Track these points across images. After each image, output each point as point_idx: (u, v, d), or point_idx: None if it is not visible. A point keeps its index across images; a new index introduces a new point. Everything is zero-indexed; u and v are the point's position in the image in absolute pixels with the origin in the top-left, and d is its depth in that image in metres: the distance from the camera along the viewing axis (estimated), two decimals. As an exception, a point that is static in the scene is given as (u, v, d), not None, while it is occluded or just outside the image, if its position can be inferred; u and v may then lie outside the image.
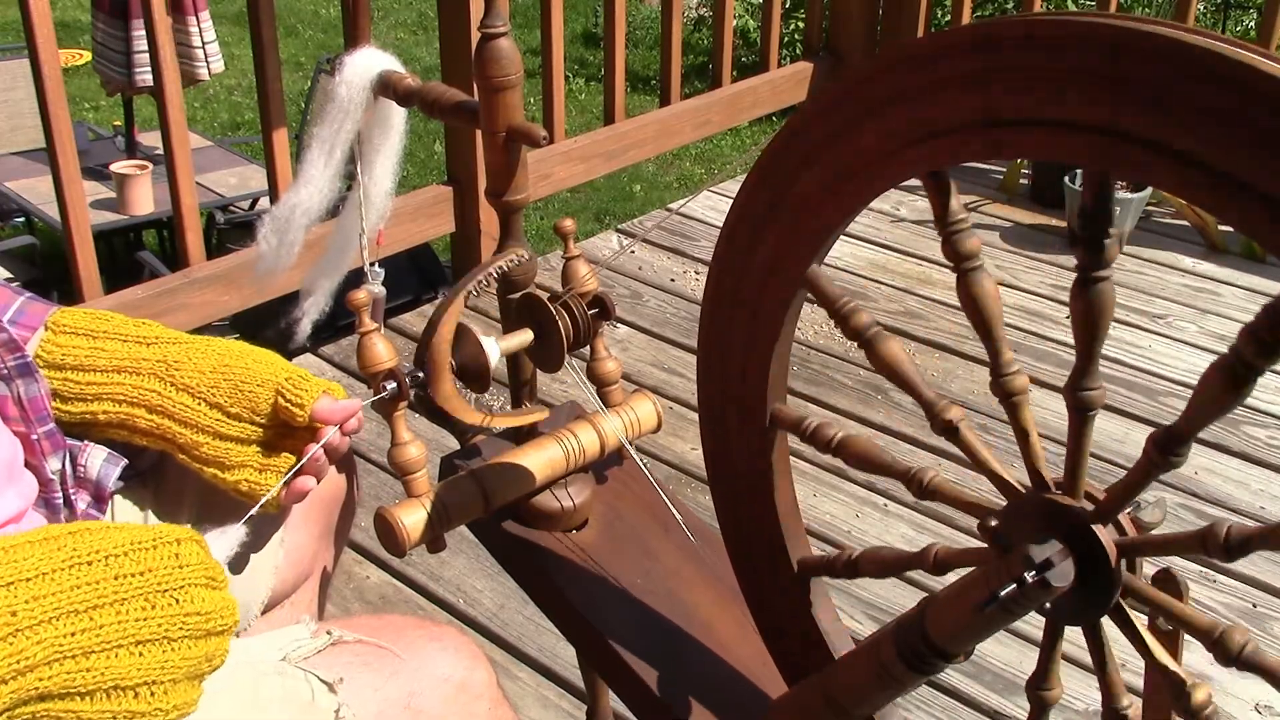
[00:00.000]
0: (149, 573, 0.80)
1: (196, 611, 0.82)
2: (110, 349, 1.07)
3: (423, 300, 3.58)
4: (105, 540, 0.80)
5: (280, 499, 1.05)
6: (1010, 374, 0.80)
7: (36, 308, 1.08)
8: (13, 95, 4.11)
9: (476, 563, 2.02)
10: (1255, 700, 1.81)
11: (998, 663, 1.86)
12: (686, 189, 5.23)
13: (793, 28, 5.85)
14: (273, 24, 2.46)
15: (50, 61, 2.15)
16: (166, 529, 0.84)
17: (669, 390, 2.55)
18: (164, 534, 0.83)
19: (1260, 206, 0.62)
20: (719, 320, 0.94)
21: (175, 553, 0.82)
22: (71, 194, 2.24)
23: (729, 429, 0.98)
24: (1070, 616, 0.81)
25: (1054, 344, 2.76)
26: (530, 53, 5.25)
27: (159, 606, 0.80)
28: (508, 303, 1.13)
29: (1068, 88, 0.67)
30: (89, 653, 0.77)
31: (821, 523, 2.16)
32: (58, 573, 0.77)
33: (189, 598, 0.82)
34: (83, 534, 0.80)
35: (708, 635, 1.10)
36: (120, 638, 0.78)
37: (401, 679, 1.00)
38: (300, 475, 1.04)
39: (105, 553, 0.80)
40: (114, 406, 1.06)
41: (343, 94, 1.14)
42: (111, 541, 0.81)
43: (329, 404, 1.04)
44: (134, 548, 0.81)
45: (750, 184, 0.87)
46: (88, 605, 0.77)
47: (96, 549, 0.80)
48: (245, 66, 5.93)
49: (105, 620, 0.78)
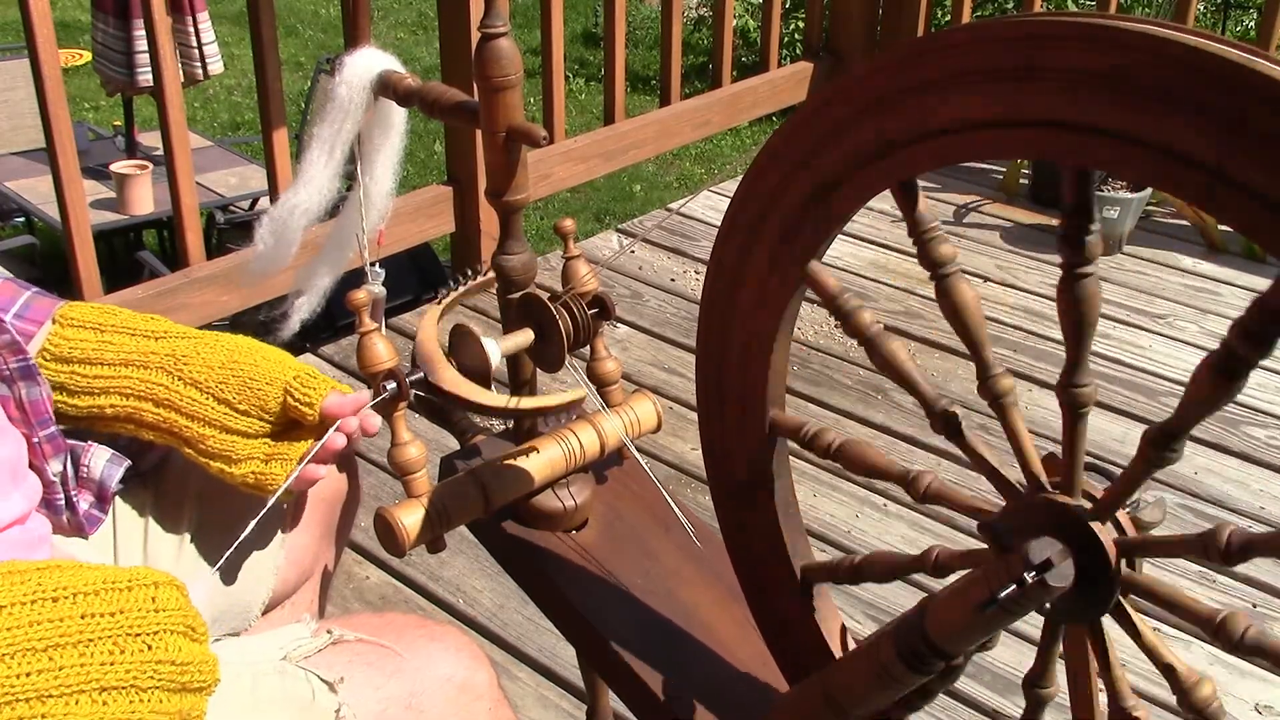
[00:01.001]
0: (121, 614, 0.74)
1: (171, 660, 0.75)
2: (118, 343, 1.06)
3: (423, 300, 3.58)
4: (76, 577, 0.74)
5: (292, 486, 1.05)
6: (995, 375, 0.80)
7: (43, 302, 1.08)
8: (13, 95, 4.11)
9: (476, 563, 2.02)
10: (1255, 700, 1.81)
11: (998, 663, 1.86)
12: (686, 189, 5.23)
13: (793, 28, 5.85)
14: (273, 24, 2.46)
15: (50, 61, 2.15)
16: (145, 571, 0.78)
17: (669, 390, 2.56)
18: (141, 575, 0.77)
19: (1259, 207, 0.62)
20: (715, 329, 0.95)
21: (152, 595, 0.76)
22: (71, 194, 2.24)
23: (729, 435, 0.98)
24: (1071, 616, 0.81)
25: (1054, 344, 2.76)
26: (530, 53, 5.25)
27: (129, 651, 0.74)
28: (508, 303, 1.13)
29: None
30: (45, 696, 0.70)
31: (821, 523, 2.16)
32: (16, 606, 0.71)
33: (163, 644, 0.75)
34: (51, 570, 0.75)
35: (708, 635, 1.10)
36: (82, 682, 0.71)
37: (402, 679, 1.00)
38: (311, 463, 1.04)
39: (74, 590, 0.73)
40: (121, 400, 1.05)
41: (343, 94, 1.14)
42: (82, 579, 0.74)
43: (338, 399, 1.05)
44: (106, 587, 0.75)
45: (739, 196, 0.88)
46: (47, 644, 0.71)
47: (64, 585, 0.73)
48: (245, 66, 5.93)
49: (66, 661, 0.71)
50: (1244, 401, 2.55)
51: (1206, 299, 2.97)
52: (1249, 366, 0.65)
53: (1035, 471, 0.80)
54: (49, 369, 1.05)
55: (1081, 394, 0.75)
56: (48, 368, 1.05)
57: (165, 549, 1.12)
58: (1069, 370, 0.75)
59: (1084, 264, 0.72)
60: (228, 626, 1.15)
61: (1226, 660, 1.87)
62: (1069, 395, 0.76)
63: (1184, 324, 2.86)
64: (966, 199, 3.45)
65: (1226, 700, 1.81)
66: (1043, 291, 2.99)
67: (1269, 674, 1.86)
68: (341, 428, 1.03)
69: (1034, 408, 2.50)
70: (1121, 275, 3.07)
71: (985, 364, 0.80)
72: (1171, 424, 0.70)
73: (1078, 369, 0.75)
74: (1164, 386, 2.61)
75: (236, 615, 1.15)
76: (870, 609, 1.98)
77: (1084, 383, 0.75)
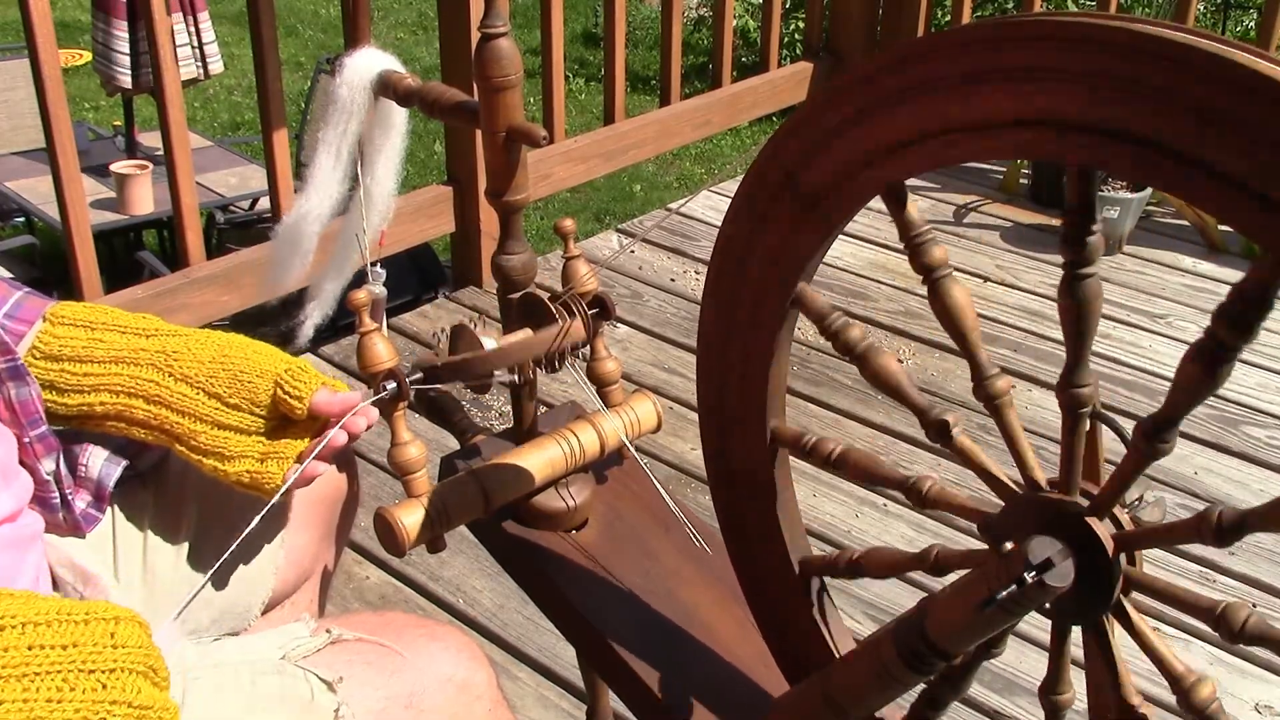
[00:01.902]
0: (74, 648, 0.67)
1: (127, 701, 0.69)
2: (109, 340, 1.06)
3: (423, 300, 3.57)
4: (26, 606, 0.68)
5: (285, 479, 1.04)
6: (990, 377, 0.80)
7: (34, 302, 1.08)
8: (13, 95, 4.11)
9: (476, 563, 2.02)
10: (1255, 700, 1.81)
11: (998, 662, 1.86)
12: (686, 189, 5.23)
13: (793, 28, 5.85)
14: (273, 24, 2.46)
15: (50, 61, 2.15)
16: (105, 605, 0.72)
17: (669, 390, 2.55)
18: (99, 609, 0.71)
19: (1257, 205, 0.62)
20: (716, 339, 0.95)
21: (111, 631, 0.69)
22: (71, 194, 2.24)
23: (729, 442, 0.98)
24: (1073, 615, 0.81)
25: (1054, 344, 2.76)
26: (530, 53, 5.25)
27: (79, 689, 0.67)
28: (508, 303, 1.13)
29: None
30: None
31: (821, 523, 2.16)
32: None
33: (119, 684, 0.68)
34: (1, 597, 0.69)
35: (708, 635, 1.10)
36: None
37: (401, 678, 1.00)
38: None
39: (22, 619, 0.67)
40: (111, 398, 1.05)
41: (344, 95, 1.14)
42: (34, 609, 0.68)
43: (328, 396, 1.04)
44: (60, 618, 0.68)
45: (733, 210, 0.88)
46: None
47: (12, 614, 0.67)
48: (245, 66, 5.93)
49: (7, 695, 0.65)
50: (1244, 401, 2.55)
51: (1206, 299, 2.97)
52: (1233, 352, 0.66)
53: (1032, 472, 0.80)
54: (38, 367, 1.04)
55: (1081, 395, 0.76)
56: (37, 365, 1.04)
57: (166, 549, 1.12)
58: (1069, 370, 0.75)
59: (1086, 264, 0.72)
60: (227, 626, 1.15)
61: (1227, 660, 1.87)
62: (1069, 396, 0.76)
63: (1184, 324, 2.86)
64: (966, 199, 3.45)
65: (1226, 700, 1.81)
66: (1042, 291, 2.99)
67: (1269, 674, 1.86)
68: (347, 426, 1.03)
69: (1034, 408, 2.50)
70: (1121, 275, 3.07)
71: (980, 366, 0.80)
72: (1162, 414, 0.71)
73: (1078, 369, 0.75)
74: (1164, 386, 2.60)
75: (236, 615, 1.15)
76: (870, 609, 1.98)
77: (1084, 383, 0.75)
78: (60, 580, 1.06)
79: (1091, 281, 0.72)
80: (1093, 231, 0.72)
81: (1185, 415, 0.70)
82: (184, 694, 0.94)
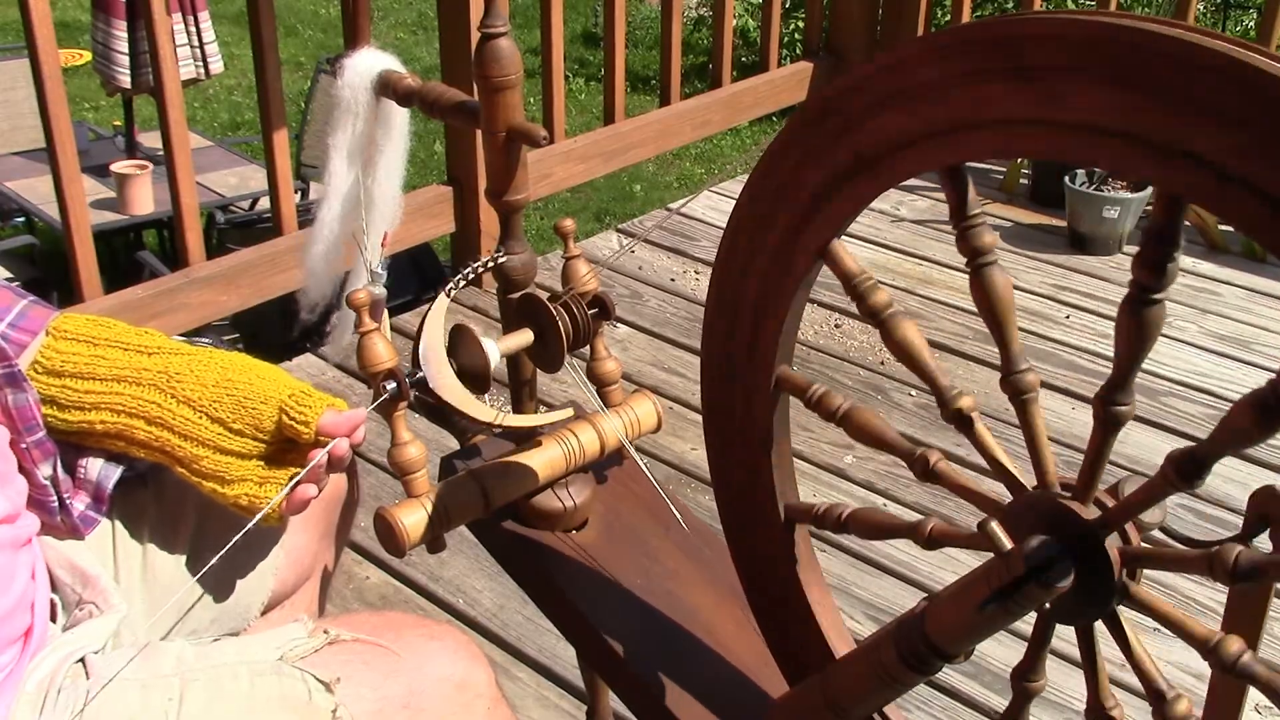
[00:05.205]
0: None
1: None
2: (111, 357, 1.05)
3: (423, 300, 3.58)
4: None
5: (281, 509, 1.04)
6: (1020, 371, 0.79)
7: (39, 312, 1.07)
8: (13, 95, 4.11)
9: (476, 563, 2.02)
10: (1255, 701, 1.81)
11: (997, 663, 1.86)
12: (686, 189, 5.23)
13: (793, 28, 5.84)
14: (273, 24, 2.46)
15: (50, 61, 2.15)
16: None
17: (669, 390, 2.55)
18: None
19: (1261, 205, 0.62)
20: (731, 281, 0.93)
21: None
22: (71, 194, 2.24)
23: (733, 388, 0.97)
24: (1066, 616, 0.81)
25: (1054, 344, 2.76)
26: (530, 53, 5.24)
27: None
28: (508, 303, 1.13)
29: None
30: None
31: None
32: None
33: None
34: None
35: (708, 635, 1.10)
36: None
37: (400, 678, 0.99)
38: (301, 484, 1.03)
39: None
40: (112, 417, 1.04)
41: (346, 96, 1.14)
42: None
43: (334, 417, 1.03)
44: None
45: (766, 163, 0.87)
46: None
47: None
48: (245, 66, 5.93)
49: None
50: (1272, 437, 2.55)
51: (1206, 299, 2.97)
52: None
53: (1048, 472, 0.80)
54: (40, 382, 1.03)
55: (1120, 412, 0.74)
56: (39, 381, 1.03)
57: (165, 549, 1.12)
58: (1114, 386, 0.74)
59: (1159, 290, 0.70)
60: (226, 626, 1.14)
61: (1226, 660, 1.87)
62: (1108, 412, 0.74)
63: (1184, 324, 2.85)
64: (966, 199, 3.45)
65: (1226, 700, 1.81)
66: (1043, 291, 2.99)
67: (1269, 674, 1.86)
68: (333, 451, 1.02)
69: (1034, 408, 2.50)
70: (1122, 275, 3.07)
71: (1012, 358, 0.79)
72: (1201, 450, 0.69)
73: (1124, 387, 0.74)
74: (1164, 386, 2.61)
75: (235, 615, 1.15)
76: (870, 609, 1.98)
77: (1125, 401, 0.74)
78: (59, 581, 1.05)
79: (1159, 307, 0.71)
80: (1174, 258, 0.70)
81: (1223, 456, 0.69)
82: (182, 695, 0.94)
